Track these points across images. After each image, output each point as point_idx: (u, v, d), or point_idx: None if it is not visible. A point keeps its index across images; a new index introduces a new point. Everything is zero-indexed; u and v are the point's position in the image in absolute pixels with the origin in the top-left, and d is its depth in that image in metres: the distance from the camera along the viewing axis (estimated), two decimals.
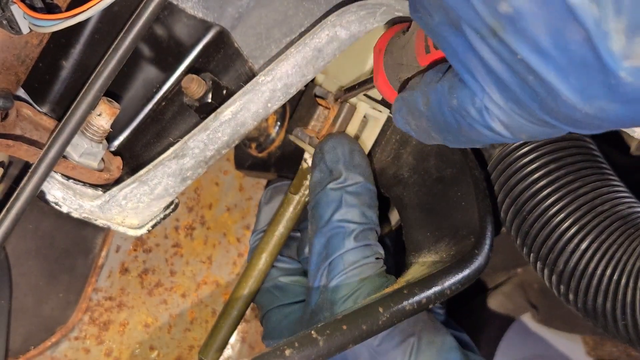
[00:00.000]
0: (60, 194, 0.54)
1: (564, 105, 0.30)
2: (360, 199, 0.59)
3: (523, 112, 0.33)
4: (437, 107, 0.40)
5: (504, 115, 0.34)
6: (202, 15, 0.52)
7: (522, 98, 0.32)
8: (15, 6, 0.46)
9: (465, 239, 0.55)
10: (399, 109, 0.46)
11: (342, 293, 0.56)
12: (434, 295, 0.50)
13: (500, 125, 0.35)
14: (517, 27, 0.29)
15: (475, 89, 0.34)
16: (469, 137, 0.39)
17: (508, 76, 0.32)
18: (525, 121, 0.34)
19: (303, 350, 0.44)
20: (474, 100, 0.35)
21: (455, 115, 0.38)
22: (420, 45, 0.45)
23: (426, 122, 0.42)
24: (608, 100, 0.29)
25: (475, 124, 0.36)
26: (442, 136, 0.42)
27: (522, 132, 0.35)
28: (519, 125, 0.34)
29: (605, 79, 0.28)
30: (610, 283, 0.54)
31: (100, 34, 0.51)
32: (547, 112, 0.32)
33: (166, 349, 0.84)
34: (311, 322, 0.59)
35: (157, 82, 0.54)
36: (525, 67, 0.30)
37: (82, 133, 0.52)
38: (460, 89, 0.36)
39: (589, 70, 0.28)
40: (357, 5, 0.54)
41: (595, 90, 0.29)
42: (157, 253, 0.83)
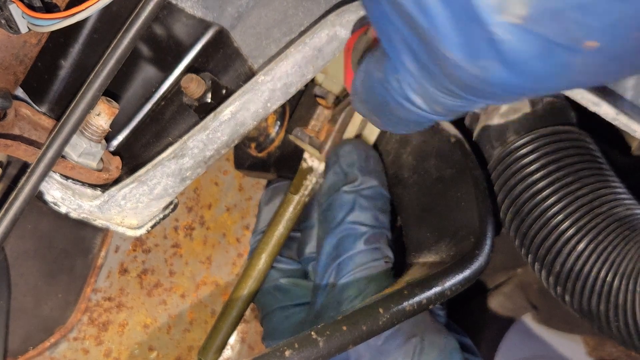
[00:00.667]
0: (59, 194, 0.54)
1: (452, 65, 0.29)
2: (374, 203, 0.60)
3: (431, 80, 0.32)
4: (368, 83, 0.40)
5: (417, 85, 0.34)
6: (201, 15, 0.51)
7: (425, 62, 0.31)
8: (13, 5, 0.46)
9: (466, 240, 0.55)
10: (352, 93, 0.46)
11: (348, 293, 0.57)
12: (434, 295, 0.50)
13: (415, 95, 0.34)
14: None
15: (395, 59, 0.34)
16: (397, 115, 0.38)
17: (414, 40, 0.31)
18: (435, 90, 0.33)
19: (303, 351, 0.44)
20: (396, 71, 0.35)
21: (382, 90, 0.37)
22: None
23: (364, 101, 0.42)
24: (491, 59, 0.28)
25: (397, 95, 0.36)
26: (378, 116, 0.42)
27: (436, 103, 0.34)
28: (431, 96, 0.34)
29: (484, 33, 0.27)
30: (604, 285, 0.54)
31: (99, 33, 0.51)
32: (447, 77, 0.31)
33: (165, 350, 0.84)
34: (316, 322, 0.59)
35: (156, 82, 0.54)
36: (421, 28, 0.29)
37: (81, 133, 0.52)
38: (385, 61, 0.36)
39: (469, 24, 0.27)
40: (356, 4, 0.54)
41: (476, 45, 0.27)
42: (157, 253, 0.83)
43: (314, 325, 0.57)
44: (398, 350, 0.55)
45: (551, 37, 0.26)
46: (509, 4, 0.25)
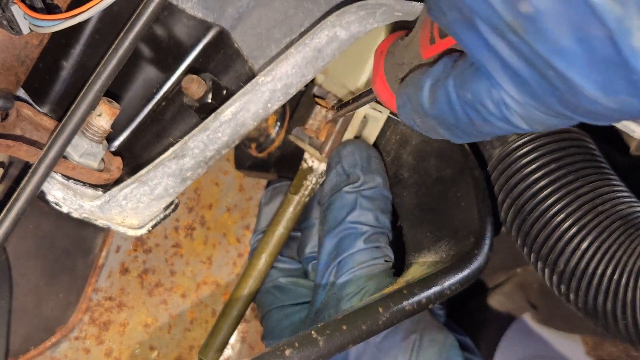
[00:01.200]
0: (60, 194, 0.54)
1: (585, 100, 0.31)
2: (375, 203, 0.60)
3: (540, 106, 0.33)
4: (445, 103, 0.39)
5: (521, 109, 0.34)
6: (202, 16, 0.52)
7: (540, 93, 0.32)
8: (15, 6, 0.46)
9: (465, 239, 0.55)
10: (402, 105, 0.45)
11: (348, 290, 0.57)
12: (433, 295, 0.50)
13: (518, 118, 0.35)
14: (538, 26, 0.29)
15: (493, 83, 0.34)
16: (480, 131, 0.38)
17: (526, 72, 0.32)
18: (542, 114, 0.34)
19: (303, 350, 0.44)
20: (491, 94, 0.35)
21: (468, 110, 0.37)
22: (425, 37, 0.44)
23: (433, 119, 0.42)
24: (629, 95, 0.29)
25: (491, 117, 0.36)
26: (449, 132, 0.42)
27: (539, 123, 0.35)
28: (536, 118, 0.34)
29: (627, 74, 0.29)
30: (611, 283, 0.54)
31: (100, 34, 0.51)
32: (566, 106, 0.32)
33: (166, 349, 0.84)
34: (316, 320, 0.60)
35: (157, 83, 0.54)
36: (545, 64, 0.30)
37: (82, 133, 0.52)
38: (474, 82, 0.36)
39: (611, 67, 0.29)
40: (356, 5, 0.54)
41: (617, 86, 0.29)
42: (157, 253, 0.83)
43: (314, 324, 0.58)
44: (397, 347, 0.55)
45: None
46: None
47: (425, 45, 0.44)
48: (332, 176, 0.63)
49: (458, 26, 0.34)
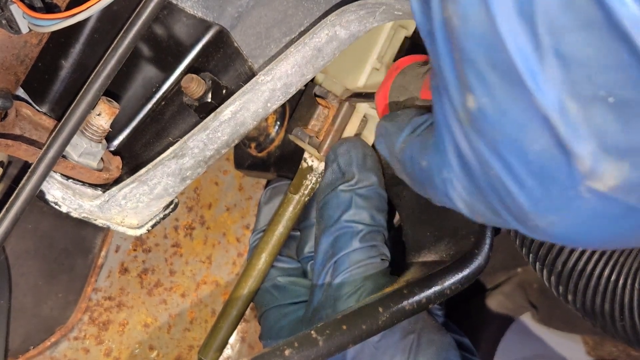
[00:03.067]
0: (59, 193, 0.54)
1: (519, 209, 0.29)
2: (370, 202, 0.60)
3: (483, 201, 0.32)
4: (409, 160, 0.39)
5: (466, 196, 0.33)
6: (201, 15, 0.52)
7: (484, 187, 0.31)
8: (14, 6, 0.46)
9: (465, 239, 0.55)
10: (379, 135, 0.45)
11: (345, 290, 0.57)
12: (433, 295, 0.50)
13: (461, 202, 0.34)
14: (479, 125, 0.28)
15: (446, 162, 0.33)
16: (433, 197, 0.38)
17: (474, 164, 0.30)
18: (485, 208, 0.32)
19: (303, 350, 0.44)
20: (441, 171, 0.34)
21: (422, 175, 0.37)
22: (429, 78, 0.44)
23: (398, 164, 0.42)
24: (561, 217, 0.28)
25: (438, 191, 0.35)
26: (410, 182, 0.41)
27: (479, 215, 0.34)
28: (477, 209, 0.33)
29: (563, 194, 0.27)
30: (609, 283, 0.54)
31: (99, 33, 0.51)
32: (504, 209, 0.30)
33: (166, 349, 0.84)
34: (313, 319, 0.60)
35: (156, 82, 0.54)
36: (486, 162, 0.29)
37: (82, 133, 0.52)
38: (432, 154, 0.35)
39: (547, 183, 0.27)
40: (356, 4, 0.54)
41: (550, 203, 0.28)
42: (157, 253, 0.83)
43: (311, 324, 0.58)
44: (395, 347, 0.55)
45: (636, 204, 0.26)
46: (599, 174, 0.26)
47: (426, 86, 0.44)
48: (328, 174, 0.63)
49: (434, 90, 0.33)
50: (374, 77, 0.64)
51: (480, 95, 0.27)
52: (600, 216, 0.27)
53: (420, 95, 0.44)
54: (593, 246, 0.30)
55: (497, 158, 0.28)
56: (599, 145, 0.25)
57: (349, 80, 0.65)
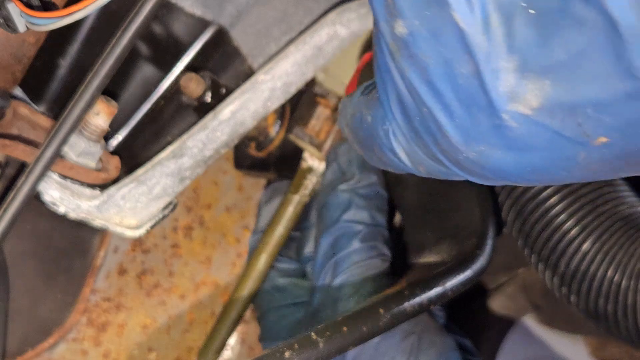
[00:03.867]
0: (57, 194, 0.54)
1: (449, 144, 0.28)
2: (370, 202, 0.60)
3: (420, 144, 0.31)
4: (357, 120, 0.38)
5: (405, 143, 0.32)
6: (200, 14, 0.51)
7: (419, 128, 0.30)
8: (12, 4, 0.45)
9: (467, 240, 0.54)
10: (339, 112, 0.44)
11: (345, 291, 0.57)
12: (435, 296, 0.50)
13: (402, 152, 0.33)
14: (410, 51, 0.27)
15: (387, 110, 0.32)
16: (380, 158, 0.37)
17: (409, 103, 0.29)
18: (423, 154, 0.31)
19: (303, 352, 0.43)
20: (384, 122, 0.33)
21: (368, 132, 0.36)
22: None
23: (349, 132, 0.40)
24: (491, 145, 0.27)
25: (383, 146, 0.34)
26: (362, 150, 0.40)
27: (421, 164, 0.33)
28: (417, 157, 0.32)
29: (489, 120, 0.26)
30: (612, 285, 0.53)
31: (97, 32, 0.51)
32: (439, 149, 0.30)
33: (165, 351, 0.84)
34: (313, 320, 0.59)
35: (155, 81, 0.54)
36: (418, 96, 0.28)
37: (80, 132, 0.51)
38: (376, 107, 0.34)
39: (475, 109, 0.26)
40: (357, 3, 0.53)
41: (478, 131, 0.27)
42: (156, 254, 0.83)
43: (311, 325, 0.57)
44: (396, 349, 0.55)
45: (560, 130, 0.25)
46: (522, 94, 0.25)
47: None
48: (328, 174, 0.63)
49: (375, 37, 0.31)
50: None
51: (410, 18, 0.26)
52: (528, 144, 0.26)
53: None
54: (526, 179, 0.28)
55: (428, 87, 0.27)
56: (520, 64, 0.24)
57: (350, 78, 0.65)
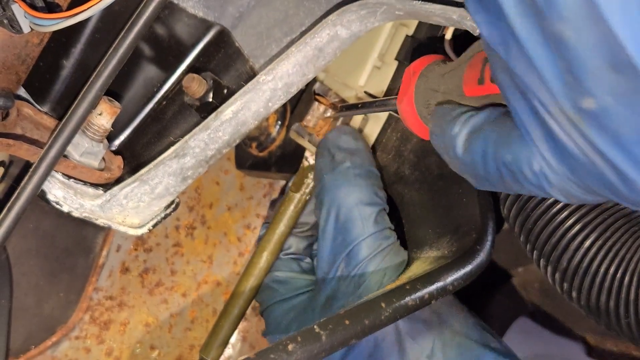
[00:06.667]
0: (61, 193, 0.54)
1: (635, 193, 0.30)
2: (369, 180, 0.60)
3: (582, 185, 0.33)
4: (479, 155, 0.38)
5: (560, 183, 0.33)
6: (202, 15, 0.52)
7: (585, 176, 0.32)
8: (16, 5, 0.46)
9: (467, 236, 0.55)
10: (436, 136, 0.45)
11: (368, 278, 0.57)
12: (436, 290, 0.50)
13: (556, 190, 0.34)
14: (600, 123, 0.29)
15: (535, 151, 0.33)
16: (508, 188, 0.38)
17: (575, 153, 0.31)
18: (581, 191, 0.33)
19: (306, 345, 0.44)
20: (532, 163, 0.34)
21: (503, 169, 0.37)
22: (473, 75, 0.43)
23: (461, 163, 0.41)
24: None
25: (526, 182, 0.35)
26: (474, 179, 0.41)
27: (575, 197, 0.34)
28: (574, 193, 0.34)
29: None
30: (614, 281, 0.54)
31: (101, 33, 0.51)
32: (613, 193, 0.32)
33: (167, 348, 0.84)
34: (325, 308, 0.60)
35: (157, 82, 0.54)
36: (600, 154, 0.30)
37: (83, 132, 0.52)
38: (517, 147, 0.35)
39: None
40: (357, 4, 0.54)
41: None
42: (158, 252, 0.83)
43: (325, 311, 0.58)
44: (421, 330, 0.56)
45: None
46: None
47: (471, 82, 0.43)
48: (320, 160, 0.63)
49: (510, 90, 0.33)
50: (375, 75, 0.64)
51: (603, 95, 0.28)
52: None
53: (465, 92, 0.44)
54: None
55: (620, 150, 0.29)
56: None
57: (350, 79, 0.65)
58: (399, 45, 0.62)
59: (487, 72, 0.41)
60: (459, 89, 0.44)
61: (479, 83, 0.42)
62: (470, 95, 0.43)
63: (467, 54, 0.45)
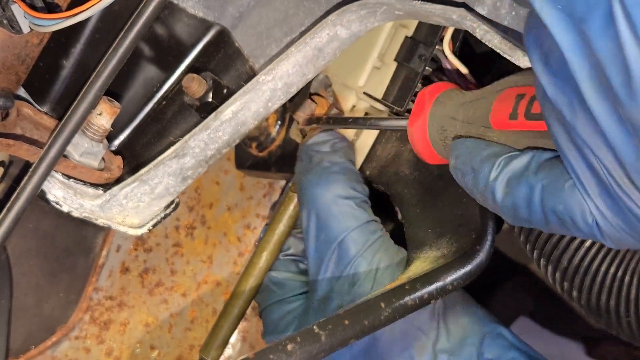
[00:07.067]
0: (60, 193, 0.54)
1: None
2: (345, 176, 0.60)
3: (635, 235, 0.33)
4: (524, 201, 0.37)
5: (616, 235, 0.33)
6: (202, 15, 0.52)
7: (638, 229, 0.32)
8: (15, 5, 0.46)
9: (467, 236, 0.55)
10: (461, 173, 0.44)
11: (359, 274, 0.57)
12: (435, 290, 0.50)
13: (607, 239, 0.34)
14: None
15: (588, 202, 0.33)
16: (551, 230, 0.38)
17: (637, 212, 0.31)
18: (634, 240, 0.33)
19: (305, 345, 0.44)
20: (585, 214, 0.34)
21: (551, 216, 0.36)
22: (503, 109, 0.41)
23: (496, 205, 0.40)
24: None
25: (576, 230, 0.35)
26: (512, 220, 0.40)
27: (625, 244, 0.34)
28: (625, 241, 0.34)
29: None
30: (614, 280, 0.54)
31: (100, 33, 0.51)
32: None
33: (167, 349, 0.84)
34: (320, 309, 0.60)
35: (157, 82, 0.54)
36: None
37: (83, 132, 0.52)
38: (568, 196, 0.34)
39: None
40: (357, 4, 0.54)
41: None
42: (158, 252, 0.83)
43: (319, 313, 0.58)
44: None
45: None
46: None
47: (500, 116, 0.41)
48: (298, 164, 0.64)
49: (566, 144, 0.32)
50: (375, 76, 0.64)
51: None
52: None
53: (493, 125, 0.42)
54: None
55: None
56: None
57: (350, 79, 0.65)
58: (399, 46, 0.62)
59: (521, 108, 0.40)
60: (483, 120, 0.43)
61: (511, 118, 0.40)
62: (499, 129, 0.42)
63: (494, 87, 0.44)
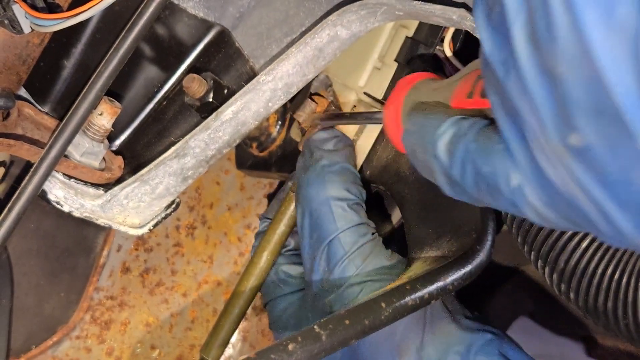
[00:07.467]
0: (61, 193, 0.55)
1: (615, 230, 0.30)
2: (342, 177, 0.60)
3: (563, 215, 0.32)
4: (459, 162, 0.37)
5: (540, 207, 0.33)
6: (203, 15, 0.52)
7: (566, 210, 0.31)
8: (16, 6, 0.46)
9: (467, 235, 0.55)
10: (411, 133, 0.44)
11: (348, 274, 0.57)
12: (436, 290, 0.50)
13: (530, 210, 0.34)
14: (585, 160, 0.29)
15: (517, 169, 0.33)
16: (481, 200, 0.37)
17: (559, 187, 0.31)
18: (559, 218, 0.33)
19: (306, 345, 0.44)
20: (510, 178, 0.33)
21: (480, 179, 0.36)
22: (463, 89, 0.42)
23: (437, 166, 0.40)
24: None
25: (500, 197, 0.35)
26: (449, 185, 0.40)
27: (549, 222, 0.34)
28: (549, 218, 0.33)
29: None
30: (612, 282, 0.54)
31: (101, 33, 0.51)
32: (591, 227, 0.31)
33: (167, 348, 0.84)
34: (314, 305, 0.60)
35: (158, 82, 0.54)
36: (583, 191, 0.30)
37: (84, 132, 0.52)
38: (497, 160, 0.34)
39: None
40: (357, 4, 0.54)
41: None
42: (158, 252, 0.83)
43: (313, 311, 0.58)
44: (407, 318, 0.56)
45: None
46: None
47: (459, 96, 0.43)
48: (299, 161, 0.64)
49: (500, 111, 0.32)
50: (375, 76, 0.64)
51: (588, 135, 0.28)
52: None
53: (452, 104, 0.43)
54: None
55: (603, 188, 0.29)
56: None
57: (350, 79, 0.65)
58: (399, 47, 0.62)
59: (478, 87, 0.41)
60: (446, 101, 0.44)
61: (468, 96, 0.42)
62: (456, 108, 0.43)
63: (462, 72, 0.45)
